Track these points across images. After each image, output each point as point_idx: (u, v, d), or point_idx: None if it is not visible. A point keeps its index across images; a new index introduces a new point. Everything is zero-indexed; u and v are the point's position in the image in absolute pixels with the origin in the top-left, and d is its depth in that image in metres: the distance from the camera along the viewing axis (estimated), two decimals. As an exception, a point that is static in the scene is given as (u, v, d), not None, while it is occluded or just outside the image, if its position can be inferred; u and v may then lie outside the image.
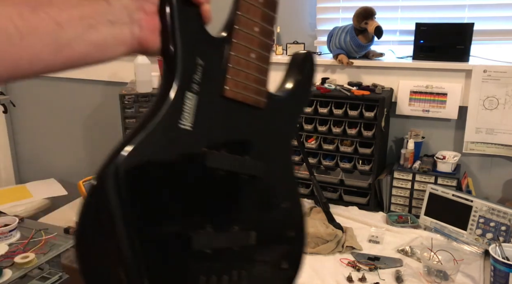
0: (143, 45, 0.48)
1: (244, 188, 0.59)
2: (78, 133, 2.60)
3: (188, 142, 0.51)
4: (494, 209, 1.45)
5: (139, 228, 0.47)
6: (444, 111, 1.77)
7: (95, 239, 0.46)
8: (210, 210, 0.55)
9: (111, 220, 0.46)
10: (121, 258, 0.47)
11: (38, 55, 0.41)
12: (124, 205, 0.46)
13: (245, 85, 0.56)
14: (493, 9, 1.76)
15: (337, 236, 1.47)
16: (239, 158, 0.57)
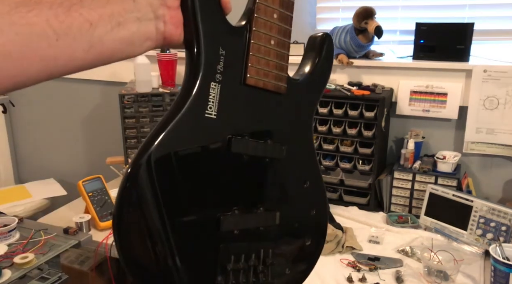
0: (167, 39, 0.51)
1: (268, 171, 0.61)
2: (77, 133, 2.59)
3: (213, 130, 0.54)
4: (494, 209, 1.45)
5: (171, 212, 0.51)
6: (444, 111, 1.77)
7: (132, 223, 0.49)
8: (236, 193, 0.58)
9: (146, 205, 0.49)
10: (156, 240, 0.50)
11: (73, 53, 0.43)
12: (157, 191, 0.49)
13: (266, 72, 0.58)
14: (493, 9, 1.76)
15: (337, 237, 1.46)
16: (261, 143, 0.59)
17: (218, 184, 0.55)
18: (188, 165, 0.52)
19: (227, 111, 0.54)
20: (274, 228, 0.62)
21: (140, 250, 0.50)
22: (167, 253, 0.51)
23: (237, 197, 0.58)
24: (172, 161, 0.50)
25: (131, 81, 2.11)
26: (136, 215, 0.49)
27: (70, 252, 1.74)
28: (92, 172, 1.84)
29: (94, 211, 1.60)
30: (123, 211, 0.49)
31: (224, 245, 0.56)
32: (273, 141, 0.61)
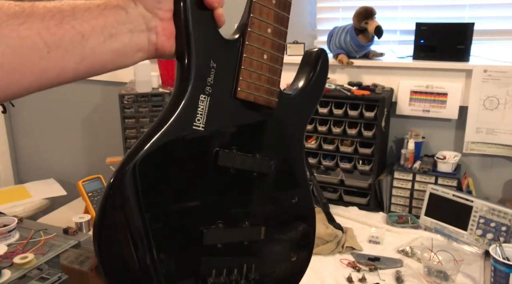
0: (159, 50, 0.51)
1: (255, 185, 0.61)
2: (77, 133, 2.59)
3: (200, 143, 0.54)
4: (494, 209, 1.45)
5: (153, 223, 0.50)
6: (444, 111, 1.77)
7: (113, 232, 0.49)
8: (221, 206, 0.57)
9: (128, 214, 0.49)
10: (137, 250, 0.49)
11: (65, 65, 0.44)
12: (140, 200, 0.49)
13: (257, 86, 0.57)
14: (493, 9, 1.76)
15: (337, 237, 1.46)
16: (249, 157, 0.59)
17: (203, 196, 0.55)
18: (173, 177, 0.51)
19: (215, 124, 0.54)
20: (259, 243, 0.61)
21: (121, 261, 0.50)
22: (149, 264, 0.50)
23: (222, 210, 0.57)
24: (156, 172, 0.50)
25: (131, 81, 2.11)
26: (117, 224, 0.48)
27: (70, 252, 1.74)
28: (92, 172, 1.84)
29: (94, 211, 1.60)
30: (104, 219, 0.48)
31: (206, 258, 0.56)
32: (261, 155, 0.60)
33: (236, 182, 0.58)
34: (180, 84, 0.52)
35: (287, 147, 0.65)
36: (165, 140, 0.50)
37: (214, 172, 0.55)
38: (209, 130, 0.53)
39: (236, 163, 0.57)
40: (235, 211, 0.59)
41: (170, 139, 0.51)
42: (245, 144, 0.58)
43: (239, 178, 0.58)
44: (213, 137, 0.54)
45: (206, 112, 0.53)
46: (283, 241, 0.66)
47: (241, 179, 0.58)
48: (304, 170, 0.68)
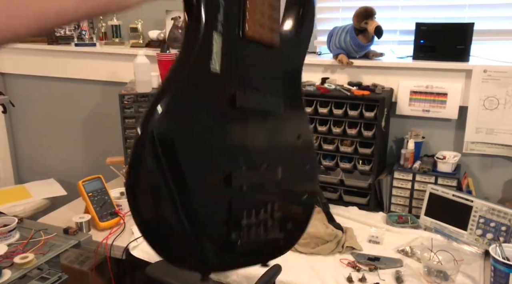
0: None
1: (268, 127, 0.61)
2: (77, 133, 2.59)
3: (217, 84, 0.53)
4: (494, 209, 1.45)
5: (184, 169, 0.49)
6: (444, 111, 1.77)
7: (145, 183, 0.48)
8: (242, 150, 0.57)
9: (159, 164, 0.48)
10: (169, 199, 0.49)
11: (65, 5, 0.42)
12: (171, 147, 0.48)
13: (261, 24, 0.58)
14: (493, 9, 1.76)
15: (337, 237, 1.46)
16: (263, 97, 0.60)
17: (226, 139, 0.55)
18: (197, 121, 0.51)
19: (229, 64, 0.54)
20: (277, 183, 0.63)
21: (154, 213, 0.49)
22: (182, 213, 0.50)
23: (243, 153, 0.57)
24: (182, 115, 0.49)
25: (131, 81, 2.11)
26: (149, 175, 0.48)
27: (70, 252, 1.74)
28: (92, 172, 1.84)
29: (94, 211, 1.61)
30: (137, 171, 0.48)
31: (235, 202, 0.56)
32: (270, 95, 0.61)
33: (252, 123, 0.58)
34: (191, 24, 0.51)
35: (289, 87, 0.66)
36: (187, 83, 0.49)
37: (233, 114, 0.55)
38: (224, 71, 0.53)
39: (252, 103, 0.57)
40: (254, 153, 0.59)
41: (191, 81, 0.50)
42: (255, 84, 0.59)
43: (254, 120, 0.59)
44: (228, 79, 0.54)
45: (220, 52, 0.53)
46: (296, 180, 0.67)
47: (256, 121, 0.59)
48: (305, 111, 0.70)
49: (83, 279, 1.68)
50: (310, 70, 1.92)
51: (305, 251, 1.44)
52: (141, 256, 1.47)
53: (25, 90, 2.64)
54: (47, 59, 2.45)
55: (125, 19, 2.32)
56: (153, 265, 1.28)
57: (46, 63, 2.46)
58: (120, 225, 1.64)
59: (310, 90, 1.77)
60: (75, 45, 2.32)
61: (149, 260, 1.43)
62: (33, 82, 2.59)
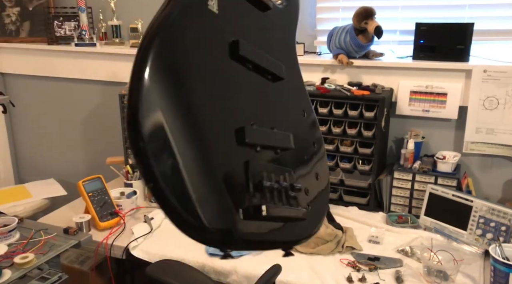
0: None
1: (272, 90, 0.59)
2: (77, 133, 2.59)
3: (217, 26, 0.50)
4: (494, 209, 1.45)
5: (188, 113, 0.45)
6: (444, 111, 1.77)
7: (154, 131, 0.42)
8: (249, 105, 0.53)
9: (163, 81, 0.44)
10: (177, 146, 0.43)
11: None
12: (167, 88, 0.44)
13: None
14: (493, 9, 1.76)
15: (337, 237, 1.46)
16: (264, 54, 0.57)
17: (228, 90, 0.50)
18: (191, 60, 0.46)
19: (226, 11, 0.50)
20: (289, 153, 0.59)
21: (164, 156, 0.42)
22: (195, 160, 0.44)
23: (251, 109, 0.53)
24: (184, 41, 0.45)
25: (131, 81, 2.11)
26: (155, 96, 0.43)
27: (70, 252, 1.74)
28: (92, 172, 1.84)
29: (94, 211, 1.61)
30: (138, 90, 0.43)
31: (254, 159, 0.50)
32: (271, 55, 0.59)
33: (255, 82, 0.55)
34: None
35: (287, 55, 0.64)
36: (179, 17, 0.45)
37: (235, 66, 0.51)
38: (223, 14, 0.50)
39: (255, 57, 0.54)
40: (262, 112, 0.55)
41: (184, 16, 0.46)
42: (254, 38, 0.56)
43: (257, 78, 0.55)
44: (228, 25, 0.51)
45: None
46: (306, 154, 0.64)
47: (258, 80, 0.56)
48: (305, 87, 0.68)
49: (83, 279, 1.68)
50: (310, 70, 1.92)
51: (305, 251, 1.44)
52: (141, 256, 1.47)
53: (25, 90, 2.64)
54: (47, 59, 2.45)
55: (125, 19, 2.32)
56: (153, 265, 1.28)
57: (46, 63, 2.46)
58: (120, 225, 1.64)
59: (310, 90, 1.77)
60: (75, 45, 2.32)
61: (149, 260, 1.43)
62: (33, 82, 2.59)
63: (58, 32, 2.37)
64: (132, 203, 1.74)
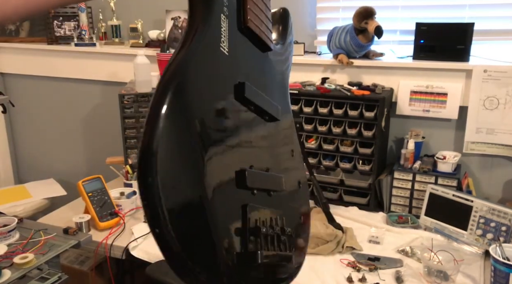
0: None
1: (269, 129, 0.60)
2: (77, 133, 2.59)
3: (227, 68, 0.51)
4: (494, 209, 1.45)
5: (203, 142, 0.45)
6: (444, 111, 1.77)
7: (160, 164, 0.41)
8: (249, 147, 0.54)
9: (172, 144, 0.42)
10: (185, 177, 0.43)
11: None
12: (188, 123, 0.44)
13: (259, 21, 0.58)
14: (493, 9, 1.76)
15: (337, 237, 1.46)
16: (265, 96, 0.58)
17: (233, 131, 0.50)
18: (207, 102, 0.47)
19: (235, 51, 0.51)
20: (280, 195, 0.59)
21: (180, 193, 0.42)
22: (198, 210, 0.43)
23: (250, 151, 0.53)
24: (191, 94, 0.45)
25: (131, 81, 2.11)
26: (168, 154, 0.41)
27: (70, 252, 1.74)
28: (92, 172, 1.84)
29: (94, 211, 1.60)
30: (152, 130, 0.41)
31: (252, 203, 0.50)
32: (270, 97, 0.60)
33: (255, 122, 0.56)
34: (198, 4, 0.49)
35: (282, 96, 0.67)
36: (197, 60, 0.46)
37: (239, 107, 0.51)
38: (232, 56, 0.51)
39: (258, 99, 0.54)
40: (259, 154, 0.55)
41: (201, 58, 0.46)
42: (257, 80, 0.57)
43: (257, 119, 0.56)
44: (235, 65, 0.52)
45: (227, 35, 0.50)
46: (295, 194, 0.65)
47: (258, 121, 0.57)
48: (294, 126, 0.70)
49: (83, 279, 1.68)
50: (310, 70, 1.92)
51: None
52: (141, 256, 1.47)
53: (25, 90, 2.64)
54: (47, 59, 2.45)
55: (125, 19, 2.32)
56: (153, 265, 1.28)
57: (46, 63, 2.46)
58: (120, 225, 1.64)
59: (310, 90, 1.77)
60: (75, 45, 2.32)
61: (149, 260, 1.43)
62: (33, 82, 2.59)
63: (58, 32, 2.37)
64: (132, 203, 1.74)
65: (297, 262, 0.64)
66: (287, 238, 0.57)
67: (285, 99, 0.68)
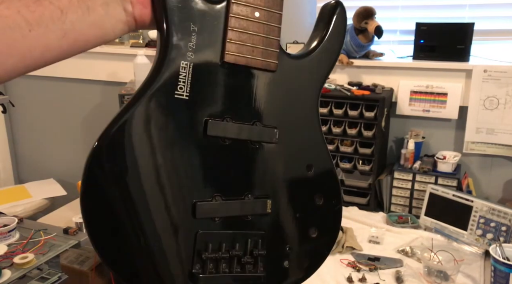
0: (139, 20, 0.50)
1: (257, 156, 0.57)
2: (77, 133, 2.59)
3: (186, 111, 0.51)
4: (494, 209, 1.45)
5: (139, 194, 0.49)
6: (444, 111, 1.77)
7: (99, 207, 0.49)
8: (218, 179, 0.54)
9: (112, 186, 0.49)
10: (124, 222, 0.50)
11: (48, 43, 0.43)
12: (122, 172, 0.49)
13: (249, 48, 0.53)
14: (493, 9, 1.76)
15: (337, 237, 1.46)
16: (246, 125, 0.55)
17: (195, 168, 0.53)
18: (156, 148, 0.50)
19: (202, 92, 0.52)
20: (266, 217, 0.58)
21: (109, 233, 0.50)
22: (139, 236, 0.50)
23: (219, 183, 0.54)
24: (138, 143, 0.49)
25: (131, 81, 2.11)
26: (103, 196, 0.48)
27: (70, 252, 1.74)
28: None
29: (94, 211, 1.60)
30: (89, 193, 0.49)
31: (202, 232, 0.53)
32: (263, 123, 0.56)
33: (234, 152, 0.55)
34: (159, 53, 0.50)
35: (296, 113, 0.60)
36: (146, 109, 0.49)
37: (205, 142, 0.53)
38: (194, 98, 0.51)
39: (229, 133, 0.54)
40: (235, 183, 0.56)
41: (150, 108, 0.49)
42: (241, 112, 0.55)
43: (237, 148, 0.55)
44: (200, 106, 0.52)
45: (190, 79, 0.51)
46: (299, 215, 0.61)
47: (240, 149, 0.55)
48: (322, 139, 0.62)
49: (83, 279, 1.68)
50: (310, 70, 1.92)
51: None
52: (141, 256, 1.46)
53: (25, 90, 2.64)
54: (47, 59, 2.44)
55: (125, 19, 2.32)
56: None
57: (46, 63, 2.46)
58: (120, 225, 1.63)
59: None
60: (75, 45, 2.32)
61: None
62: (33, 82, 2.59)
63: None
64: (132, 203, 1.74)
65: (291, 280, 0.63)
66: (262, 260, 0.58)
67: (303, 113, 0.61)
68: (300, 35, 2.01)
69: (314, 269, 0.63)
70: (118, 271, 0.50)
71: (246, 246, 0.57)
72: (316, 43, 0.60)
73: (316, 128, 0.61)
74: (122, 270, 0.50)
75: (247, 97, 0.55)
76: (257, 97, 0.56)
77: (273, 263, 0.59)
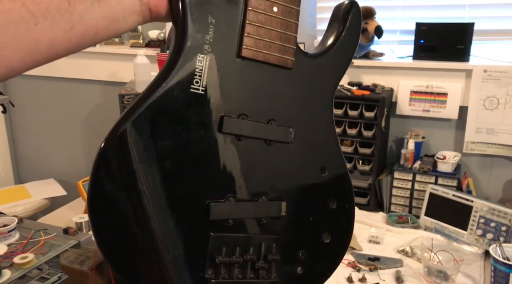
0: (154, 11, 0.47)
1: (272, 156, 0.55)
2: (77, 133, 2.59)
3: (201, 107, 0.49)
4: (494, 209, 1.45)
5: (150, 194, 0.47)
6: (444, 111, 1.77)
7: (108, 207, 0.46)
8: (231, 179, 0.52)
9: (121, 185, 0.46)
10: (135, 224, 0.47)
11: (54, 36, 0.41)
12: (133, 170, 0.46)
13: (266, 43, 0.52)
14: (493, 9, 1.76)
15: (337, 237, 1.46)
16: (262, 124, 0.54)
17: (207, 167, 0.50)
18: (169, 144, 0.48)
19: (218, 87, 0.50)
20: (280, 220, 0.56)
21: (118, 236, 0.47)
22: (150, 239, 0.47)
23: (233, 183, 0.52)
24: (149, 138, 0.47)
25: (131, 81, 2.11)
26: (113, 196, 0.46)
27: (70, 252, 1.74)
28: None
29: (94, 211, 1.60)
30: (97, 191, 0.46)
31: (215, 235, 0.51)
32: (278, 122, 0.55)
33: (248, 151, 0.53)
34: (174, 45, 0.48)
35: (311, 113, 0.58)
36: (160, 104, 0.47)
37: (220, 140, 0.51)
38: (210, 93, 0.49)
39: (244, 130, 0.52)
40: (248, 184, 0.53)
41: (165, 103, 0.47)
42: (256, 109, 0.53)
43: (251, 148, 0.53)
44: (216, 101, 0.50)
45: (206, 73, 0.49)
46: (312, 219, 0.59)
47: (254, 149, 0.53)
48: (336, 141, 0.61)
49: (83, 279, 1.68)
50: (310, 70, 1.92)
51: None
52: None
53: (25, 90, 2.64)
54: (47, 59, 2.44)
55: (125, 19, 2.32)
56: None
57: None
58: (120, 225, 1.63)
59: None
60: (75, 45, 2.32)
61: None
62: (33, 82, 2.59)
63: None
64: (132, 203, 1.74)
65: None
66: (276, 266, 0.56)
67: (318, 112, 0.59)
68: (300, 35, 2.00)
69: (325, 277, 0.62)
70: (126, 276, 0.48)
71: (259, 251, 0.55)
72: (331, 41, 0.59)
73: (330, 129, 0.60)
74: (130, 276, 0.48)
75: (263, 94, 0.54)
76: (273, 95, 0.54)
77: (286, 269, 0.57)
